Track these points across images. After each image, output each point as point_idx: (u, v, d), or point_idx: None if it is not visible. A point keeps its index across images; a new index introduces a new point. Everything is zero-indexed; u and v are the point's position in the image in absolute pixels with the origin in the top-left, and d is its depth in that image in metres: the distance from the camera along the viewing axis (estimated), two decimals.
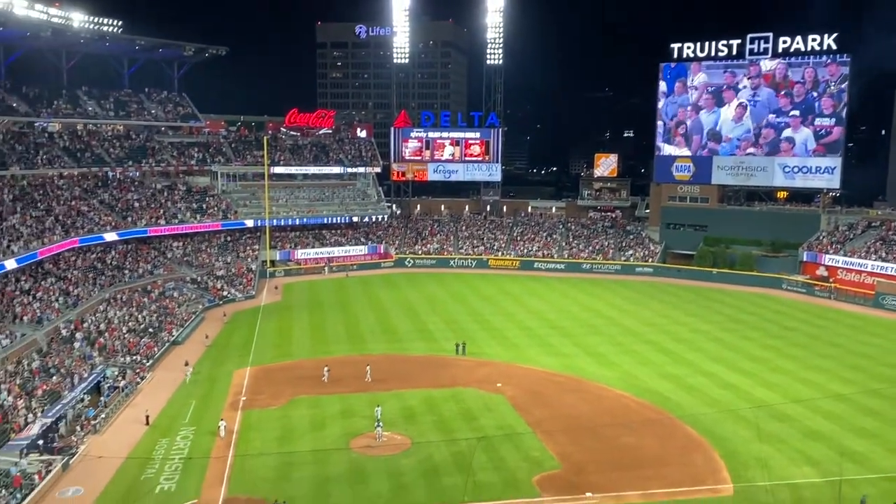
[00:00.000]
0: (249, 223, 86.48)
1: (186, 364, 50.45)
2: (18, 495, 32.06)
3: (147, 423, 40.61)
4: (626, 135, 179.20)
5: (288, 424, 40.71)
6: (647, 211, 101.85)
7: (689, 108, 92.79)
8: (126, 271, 68.60)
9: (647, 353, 54.46)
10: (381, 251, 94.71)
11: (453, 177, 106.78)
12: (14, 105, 73.25)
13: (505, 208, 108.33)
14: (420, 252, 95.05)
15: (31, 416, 39.14)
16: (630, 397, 44.72)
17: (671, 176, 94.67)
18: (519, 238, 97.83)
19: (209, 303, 69.82)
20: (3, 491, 32.12)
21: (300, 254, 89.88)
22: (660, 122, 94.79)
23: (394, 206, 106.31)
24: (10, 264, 51.75)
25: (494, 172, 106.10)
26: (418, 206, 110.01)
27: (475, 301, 72.59)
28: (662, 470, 34.40)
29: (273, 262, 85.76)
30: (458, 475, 34.00)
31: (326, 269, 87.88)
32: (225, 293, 73.02)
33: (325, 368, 48.19)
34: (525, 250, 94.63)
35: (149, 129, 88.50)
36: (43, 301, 53.75)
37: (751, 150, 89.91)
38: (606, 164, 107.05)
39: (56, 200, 68.28)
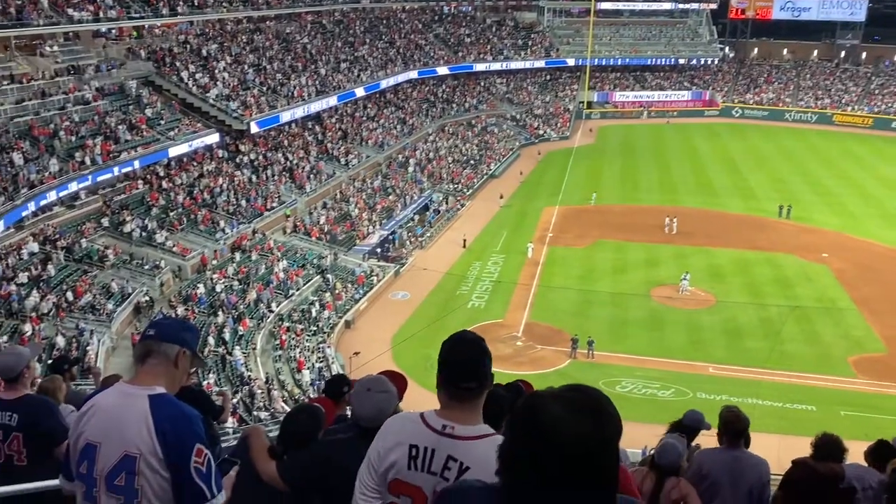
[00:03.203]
0: (570, 62, 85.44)
1: (501, 197, 53.58)
2: (361, 291, 38.03)
3: (464, 246, 44.61)
4: None
5: (590, 264, 41.81)
6: None
7: None
8: (454, 105, 73.10)
9: None
10: (706, 98, 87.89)
11: (804, 15, 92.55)
12: None
13: (864, 55, 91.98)
14: (751, 101, 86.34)
15: (371, 227, 45.29)
16: None
17: None
18: (877, 92, 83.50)
19: (525, 140, 72.05)
20: (350, 286, 38.31)
21: (618, 96, 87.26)
22: None
23: (726, 48, 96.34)
24: (360, 92, 58.22)
25: (857, 11, 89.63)
26: (755, 49, 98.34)
27: (810, 161, 64.87)
28: None
29: (590, 104, 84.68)
30: (763, 341, 32.44)
31: (644, 113, 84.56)
32: (541, 132, 74.60)
33: (667, 218, 46.44)
34: (883, 107, 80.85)
35: None
36: (384, 128, 60.03)
37: None
38: None
39: (398, 33, 73.81)
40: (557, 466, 1.56)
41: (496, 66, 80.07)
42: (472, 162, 61.35)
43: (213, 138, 42.20)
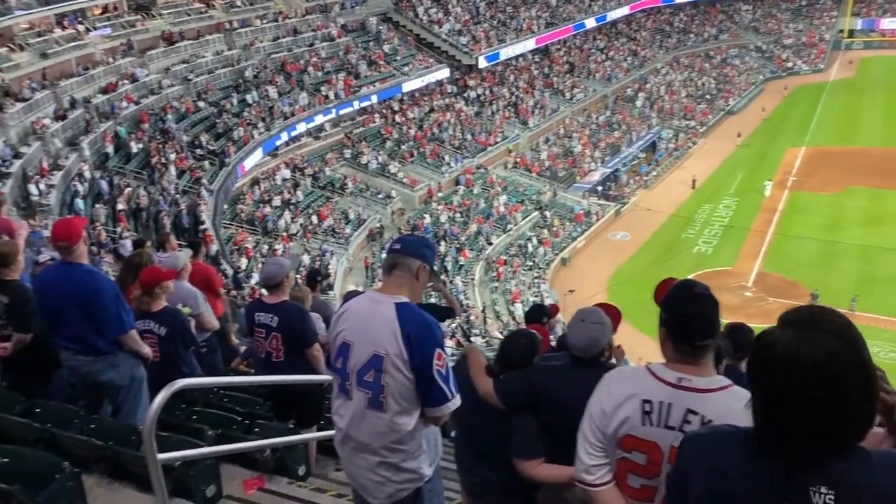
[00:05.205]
0: None
1: (739, 135, 49.70)
2: (579, 229, 37.71)
3: (693, 187, 42.25)
4: None
5: (838, 213, 37.73)
6: None
7: None
8: (691, 35, 68.17)
9: None
10: None
11: None
12: None
13: None
14: None
15: (594, 164, 44.34)
16: None
17: None
18: None
19: (771, 73, 65.57)
20: (568, 223, 38.10)
21: (887, 23, 75.78)
22: None
23: None
24: (590, 23, 56.32)
25: None
26: None
27: None
28: None
29: (851, 33, 74.58)
30: None
31: None
32: (790, 64, 67.33)
33: None
34: None
35: None
36: (613, 60, 57.73)
37: None
38: None
39: None
40: (803, 396, 1.51)
41: None
42: (707, 96, 57.27)
43: (444, 73, 43.43)
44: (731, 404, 2.22)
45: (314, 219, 32.02)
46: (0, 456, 3.42)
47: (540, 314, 5.08)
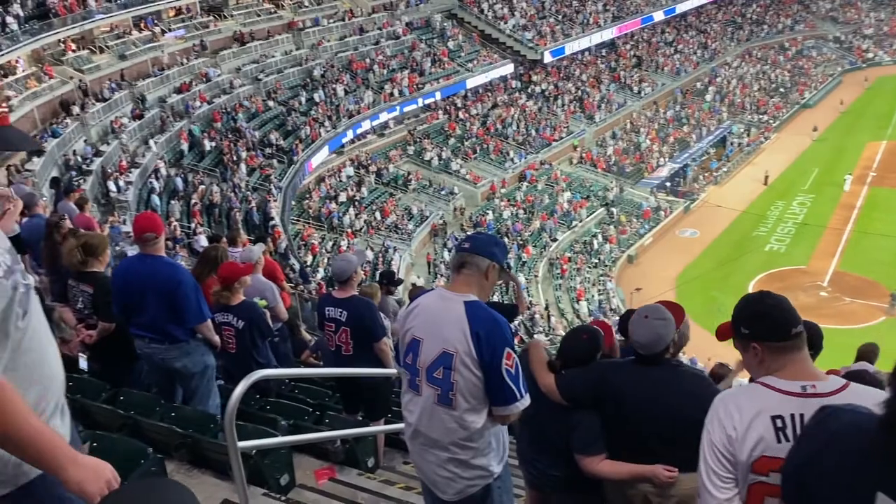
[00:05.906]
0: None
1: (814, 129, 47.87)
2: (646, 226, 37.01)
3: (765, 183, 40.93)
4: None
5: None
6: None
7: None
8: (765, 26, 65.91)
9: None
10: None
11: None
12: None
13: None
14: None
15: (662, 159, 43.41)
16: None
17: None
18: None
19: (850, 65, 62.78)
20: (635, 220, 37.44)
21: None
22: None
23: None
24: (658, 16, 55.07)
25: None
26: None
27: None
28: None
29: None
30: None
31: None
32: (870, 55, 64.32)
33: None
34: None
35: None
36: (682, 53, 56.34)
37: None
38: None
39: None
40: None
41: None
42: (781, 90, 55.31)
43: (508, 69, 43.23)
44: (855, 400, 2.09)
45: (378, 215, 32.37)
46: (91, 440, 3.59)
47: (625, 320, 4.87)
